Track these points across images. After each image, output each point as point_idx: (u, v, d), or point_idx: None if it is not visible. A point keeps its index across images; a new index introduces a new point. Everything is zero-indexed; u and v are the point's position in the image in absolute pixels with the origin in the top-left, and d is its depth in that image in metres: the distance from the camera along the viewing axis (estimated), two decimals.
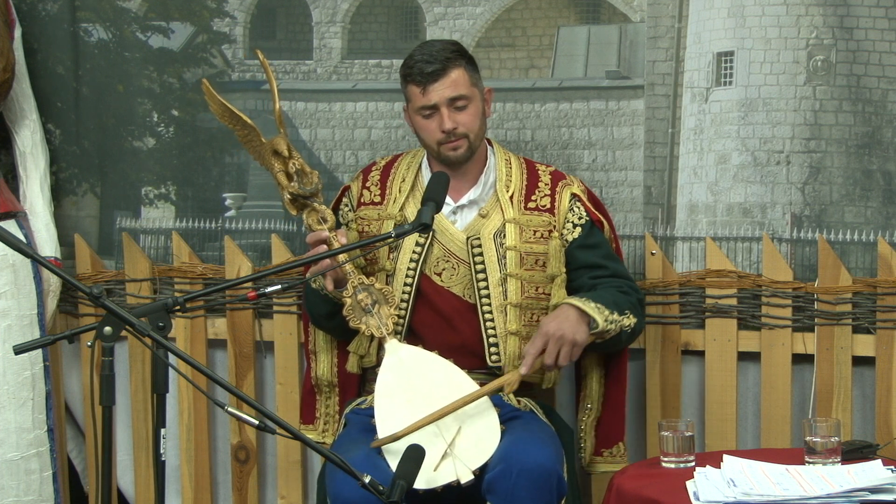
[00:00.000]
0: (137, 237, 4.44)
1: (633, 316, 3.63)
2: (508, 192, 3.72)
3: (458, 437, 3.44)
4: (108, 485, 2.91)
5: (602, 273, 3.70)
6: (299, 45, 4.37)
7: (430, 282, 3.68)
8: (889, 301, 3.91)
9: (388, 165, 3.82)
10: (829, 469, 3.27)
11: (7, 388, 4.08)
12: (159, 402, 2.91)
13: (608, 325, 3.55)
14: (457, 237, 3.69)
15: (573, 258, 3.72)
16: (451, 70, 3.60)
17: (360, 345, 3.74)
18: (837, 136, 3.97)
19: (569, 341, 3.50)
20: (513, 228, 3.68)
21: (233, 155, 4.39)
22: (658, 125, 4.11)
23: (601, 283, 3.68)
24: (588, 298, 3.57)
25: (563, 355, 3.51)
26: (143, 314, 2.92)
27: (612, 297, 3.61)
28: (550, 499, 3.37)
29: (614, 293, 3.63)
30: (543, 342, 3.51)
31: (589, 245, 3.72)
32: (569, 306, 3.55)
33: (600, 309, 3.55)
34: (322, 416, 3.89)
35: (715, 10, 4.02)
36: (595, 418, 3.81)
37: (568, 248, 3.71)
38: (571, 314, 3.53)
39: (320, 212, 3.66)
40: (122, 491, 4.54)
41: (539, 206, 3.72)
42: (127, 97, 4.42)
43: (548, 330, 3.51)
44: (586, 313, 3.53)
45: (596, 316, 3.53)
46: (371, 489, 2.92)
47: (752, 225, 4.04)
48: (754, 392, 4.08)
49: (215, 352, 4.43)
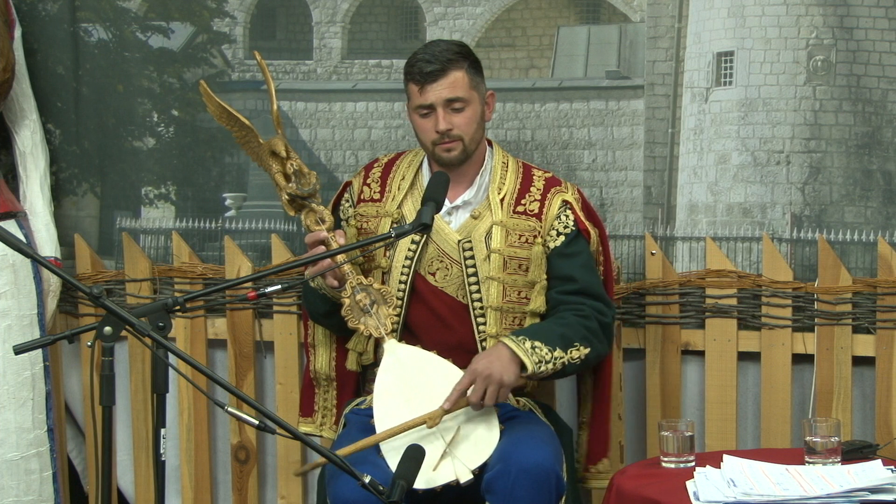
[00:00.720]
0: (137, 237, 4.44)
1: (583, 347, 3.54)
2: (500, 194, 3.70)
3: (457, 436, 3.44)
4: (108, 485, 2.91)
5: (570, 288, 3.63)
6: (299, 45, 4.37)
7: (425, 281, 3.68)
8: (889, 301, 3.91)
9: (389, 163, 3.82)
10: (829, 469, 3.27)
11: (7, 388, 4.08)
12: (159, 402, 2.91)
13: (540, 368, 3.46)
14: (450, 238, 3.68)
15: (551, 266, 3.66)
16: (451, 71, 3.60)
17: (358, 342, 3.74)
18: (837, 136, 3.97)
19: (496, 381, 3.42)
20: (499, 231, 3.66)
21: (233, 155, 4.39)
22: (658, 125, 4.11)
23: (564, 302, 3.61)
24: (526, 337, 3.49)
25: (490, 395, 3.43)
26: (143, 314, 2.92)
27: (561, 328, 3.54)
28: (549, 498, 3.37)
29: (568, 323, 3.56)
30: (471, 379, 3.44)
31: (567, 254, 3.66)
32: (503, 346, 3.48)
33: (537, 349, 3.47)
34: (320, 410, 3.89)
35: (715, 10, 4.02)
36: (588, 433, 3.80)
37: (548, 255, 3.68)
38: (504, 354, 3.46)
39: (318, 212, 3.66)
40: (122, 491, 4.54)
41: (527, 211, 3.69)
42: (127, 97, 4.42)
43: (476, 367, 3.44)
44: (517, 356, 3.47)
45: (526, 360, 3.44)
46: (371, 489, 2.92)
47: (752, 225, 4.04)
48: (754, 392, 4.08)
49: (215, 352, 4.43)
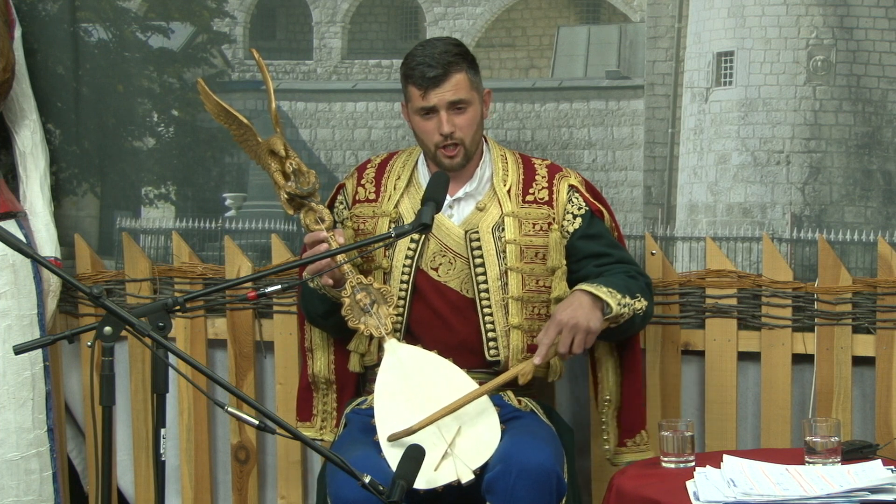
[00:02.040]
0: (137, 237, 4.44)
1: (643, 299, 3.62)
2: (506, 185, 3.71)
3: (458, 436, 3.44)
4: (108, 485, 2.91)
5: (607, 260, 3.69)
6: (299, 45, 4.37)
7: (427, 277, 3.68)
8: (889, 301, 3.91)
9: (383, 163, 3.83)
10: (829, 469, 3.27)
11: (7, 388, 4.08)
12: (159, 402, 2.91)
13: (622, 309, 3.54)
14: (454, 231, 3.68)
15: (576, 249, 3.71)
16: (453, 74, 3.60)
17: (360, 343, 3.74)
18: (837, 136, 3.97)
19: (583, 329, 3.48)
20: (512, 222, 3.68)
21: (233, 155, 4.39)
22: (658, 125, 4.11)
23: (608, 269, 3.67)
24: (599, 283, 3.55)
25: (577, 343, 3.49)
26: (143, 314, 2.92)
27: (622, 281, 3.60)
28: (550, 499, 3.37)
29: (623, 278, 3.62)
30: (557, 331, 3.49)
31: (590, 235, 3.71)
32: (581, 292, 3.53)
33: (612, 293, 3.53)
34: (319, 414, 3.89)
35: (715, 10, 4.02)
36: (615, 409, 3.80)
37: (570, 240, 3.70)
38: (585, 301, 3.51)
39: (318, 211, 3.66)
40: (122, 491, 4.54)
41: (537, 199, 3.72)
42: (127, 97, 4.42)
43: (561, 318, 3.49)
44: (600, 298, 3.51)
45: (609, 300, 3.51)
46: (371, 489, 2.92)
47: (752, 225, 4.04)
48: (754, 392, 4.08)
49: (215, 352, 4.43)
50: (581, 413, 4.17)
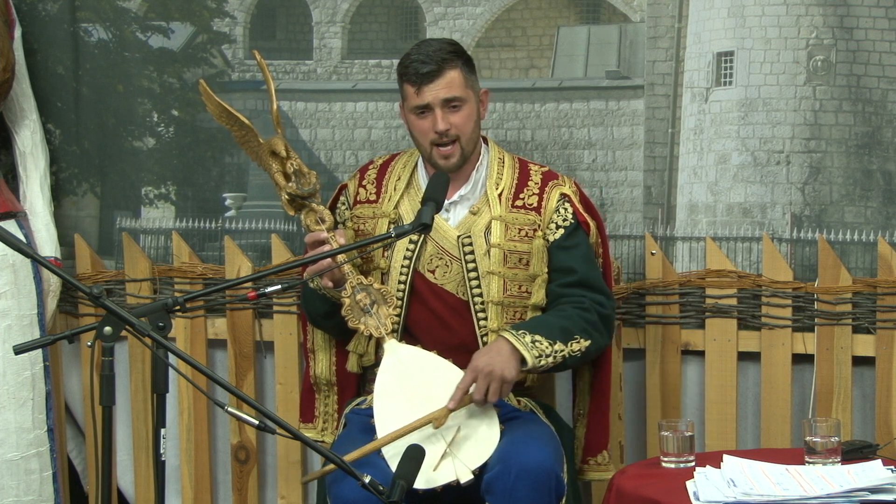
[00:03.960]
0: (137, 237, 4.44)
1: (583, 339, 3.54)
2: (498, 189, 3.70)
3: (457, 436, 3.44)
4: (108, 485, 2.91)
5: (570, 279, 3.63)
6: (299, 45, 4.37)
7: (424, 279, 3.68)
8: (889, 301, 3.91)
9: (384, 164, 3.83)
10: (829, 469, 3.27)
11: (7, 388, 4.08)
12: (159, 402, 2.91)
13: (541, 362, 3.46)
14: (449, 234, 3.68)
15: (551, 258, 3.66)
16: (447, 71, 3.60)
17: (358, 343, 3.74)
18: (837, 136, 3.97)
19: (497, 377, 3.42)
20: (498, 226, 3.67)
21: (233, 155, 4.39)
22: (658, 125, 4.11)
23: (565, 295, 3.62)
24: (526, 331, 3.49)
25: (493, 391, 3.43)
26: (143, 314, 2.92)
27: (561, 321, 3.54)
28: (549, 499, 3.37)
29: (568, 316, 3.56)
30: (472, 377, 3.44)
31: (566, 246, 3.66)
32: (503, 340, 3.48)
33: (537, 343, 3.47)
34: (321, 415, 3.89)
35: (715, 10, 4.02)
36: (585, 424, 3.80)
37: (549, 248, 3.68)
38: (504, 349, 3.46)
39: (318, 212, 3.66)
40: (122, 491, 4.54)
41: (526, 205, 3.70)
42: (127, 97, 4.42)
43: (477, 365, 3.44)
44: (517, 350, 3.47)
45: (526, 354, 3.44)
46: (371, 489, 2.92)
47: (752, 225, 4.04)
48: (754, 392, 4.08)
49: (215, 352, 4.43)
50: None
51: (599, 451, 3.77)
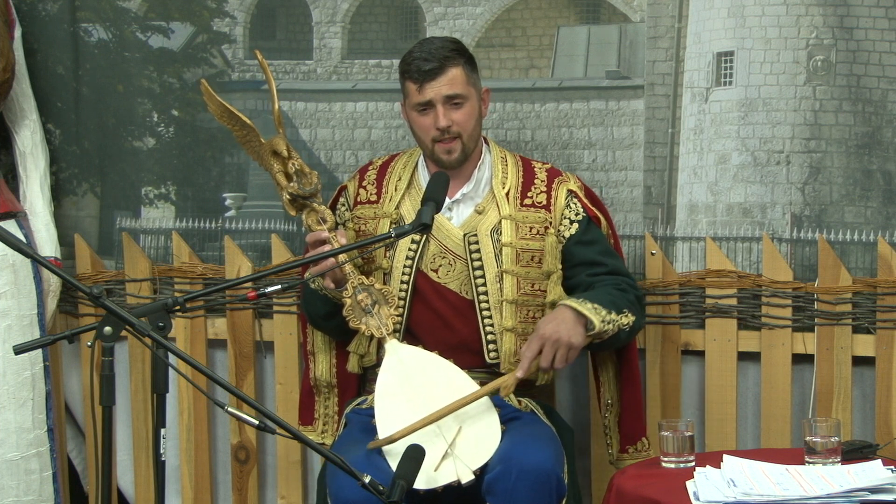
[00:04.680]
0: (137, 237, 4.44)
1: (630, 314, 3.61)
2: (504, 188, 3.71)
3: (458, 437, 3.44)
4: (108, 485, 2.91)
5: (600, 270, 3.69)
6: (299, 45, 4.37)
7: (427, 279, 3.68)
8: (889, 301, 3.91)
9: (384, 164, 3.83)
10: (829, 469, 3.27)
11: (7, 388, 4.08)
12: (159, 402, 2.91)
13: (605, 326, 3.53)
14: (453, 233, 3.69)
15: (571, 255, 3.70)
16: (449, 68, 3.60)
17: (359, 344, 3.74)
18: (837, 136, 3.97)
19: (565, 344, 3.48)
20: (509, 225, 3.68)
21: (233, 155, 4.39)
22: (658, 125, 4.11)
23: (598, 280, 3.66)
24: (585, 299, 3.54)
25: (559, 358, 3.48)
26: (143, 314, 2.92)
27: (609, 296, 3.59)
28: (550, 500, 3.37)
29: (611, 291, 3.62)
30: (540, 345, 3.48)
31: (586, 241, 3.71)
32: (565, 308, 3.53)
33: (597, 310, 3.53)
34: (321, 417, 3.89)
35: (715, 10, 4.02)
36: (617, 413, 3.80)
37: (565, 245, 3.70)
38: (568, 316, 3.51)
39: (319, 212, 3.66)
40: (122, 491, 4.54)
41: (535, 203, 3.71)
42: (127, 97, 4.42)
43: (544, 332, 3.49)
44: (583, 315, 3.50)
45: (592, 317, 3.51)
46: (371, 489, 2.92)
47: (752, 225, 4.04)
48: (754, 392, 4.08)
49: (215, 352, 4.43)
50: (581, 413, 4.17)
51: (639, 439, 3.79)
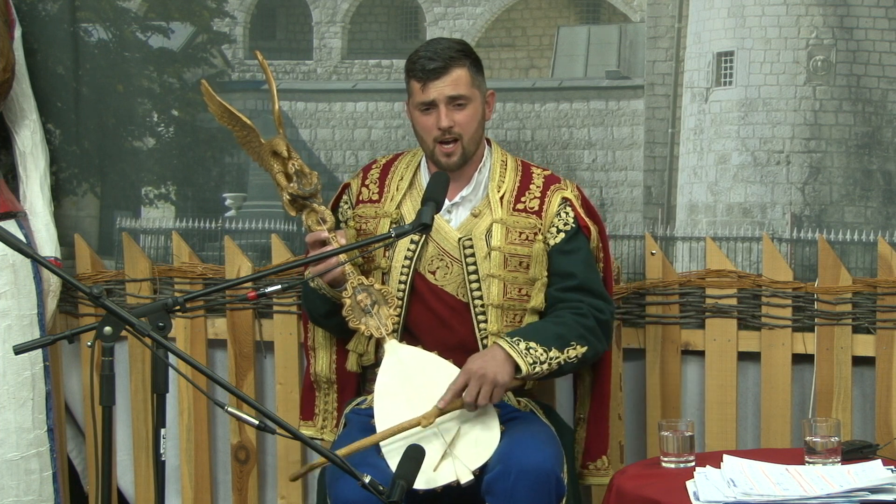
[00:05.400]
0: (137, 237, 4.44)
1: (580, 346, 3.54)
2: (500, 192, 3.70)
3: (457, 437, 3.44)
4: (108, 485, 2.91)
5: (569, 283, 3.62)
6: (299, 45, 4.37)
7: (425, 280, 3.68)
8: (889, 301, 3.91)
9: (388, 164, 3.83)
10: (829, 469, 3.27)
11: (7, 388, 4.08)
12: (159, 402, 2.91)
13: (535, 369, 3.47)
14: (450, 236, 3.68)
15: (551, 262, 3.66)
16: (454, 69, 3.60)
17: (358, 343, 3.74)
18: (837, 136, 3.97)
19: (489, 381, 3.43)
20: (499, 229, 3.66)
21: (233, 155, 4.39)
22: (658, 125, 4.11)
23: (562, 301, 3.62)
24: (521, 338, 3.49)
25: (483, 395, 3.43)
26: (143, 314, 2.92)
27: (557, 329, 3.54)
28: (549, 500, 3.37)
29: (564, 322, 3.56)
30: (466, 379, 3.44)
31: (567, 251, 3.66)
32: (498, 347, 3.49)
33: (531, 350, 3.47)
34: (321, 413, 3.89)
35: (715, 10, 4.02)
36: (585, 429, 3.80)
37: (549, 252, 3.68)
38: (498, 355, 3.47)
39: (319, 212, 3.66)
40: (122, 491, 4.54)
41: (527, 208, 3.69)
42: (127, 97, 4.42)
43: (471, 367, 3.45)
44: (511, 357, 3.47)
45: (520, 361, 3.45)
46: (371, 489, 2.92)
47: (752, 225, 4.04)
48: (754, 392, 4.08)
49: (215, 352, 4.43)
50: None
51: (599, 457, 3.76)
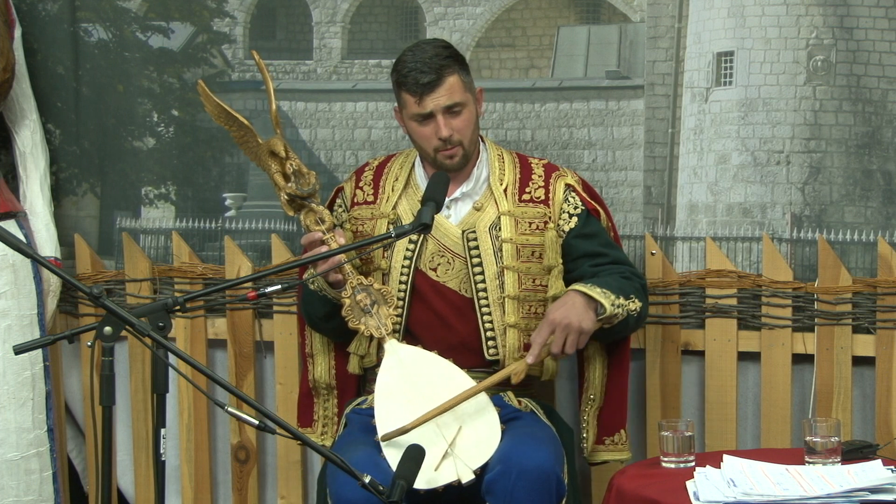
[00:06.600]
0: (137, 237, 4.44)
1: (637, 300, 3.62)
2: (502, 185, 3.72)
3: (458, 436, 3.44)
4: (108, 485, 2.91)
5: (603, 261, 3.69)
6: (299, 45, 4.37)
7: (426, 278, 3.68)
8: (889, 301, 3.91)
9: (380, 165, 3.83)
10: (829, 469, 3.27)
11: (7, 388, 4.08)
12: (159, 402, 2.91)
13: (615, 310, 3.54)
14: (451, 231, 3.69)
15: (572, 248, 3.71)
16: (446, 78, 3.60)
17: (359, 345, 3.74)
18: (837, 136, 3.97)
19: (575, 329, 3.49)
20: (508, 221, 3.68)
21: (233, 155, 4.39)
22: (658, 125, 4.11)
23: (603, 269, 3.67)
24: (593, 284, 3.55)
25: (570, 343, 3.49)
26: (143, 314, 2.92)
27: (616, 282, 3.60)
28: (549, 500, 3.37)
29: (618, 279, 3.62)
30: (550, 330, 3.50)
31: (586, 234, 3.71)
32: (575, 293, 3.53)
33: (606, 294, 3.53)
34: (321, 419, 3.89)
35: (715, 10, 4.02)
36: (597, 407, 3.80)
37: (566, 239, 3.71)
38: (578, 301, 3.52)
39: (318, 212, 3.66)
40: (122, 491, 4.54)
41: (534, 198, 3.72)
42: (127, 97, 4.42)
43: (554, 318, 3.50)
44: (593, 299, 3.51)
45: (603, 301, 3.51)
46: (371, 489, 2.92)
47: (752, 225, 4.04)
48: (754, 392, 4.08)
49: (215, 352, 4.43)
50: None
51: (617, 431, 3.78)
